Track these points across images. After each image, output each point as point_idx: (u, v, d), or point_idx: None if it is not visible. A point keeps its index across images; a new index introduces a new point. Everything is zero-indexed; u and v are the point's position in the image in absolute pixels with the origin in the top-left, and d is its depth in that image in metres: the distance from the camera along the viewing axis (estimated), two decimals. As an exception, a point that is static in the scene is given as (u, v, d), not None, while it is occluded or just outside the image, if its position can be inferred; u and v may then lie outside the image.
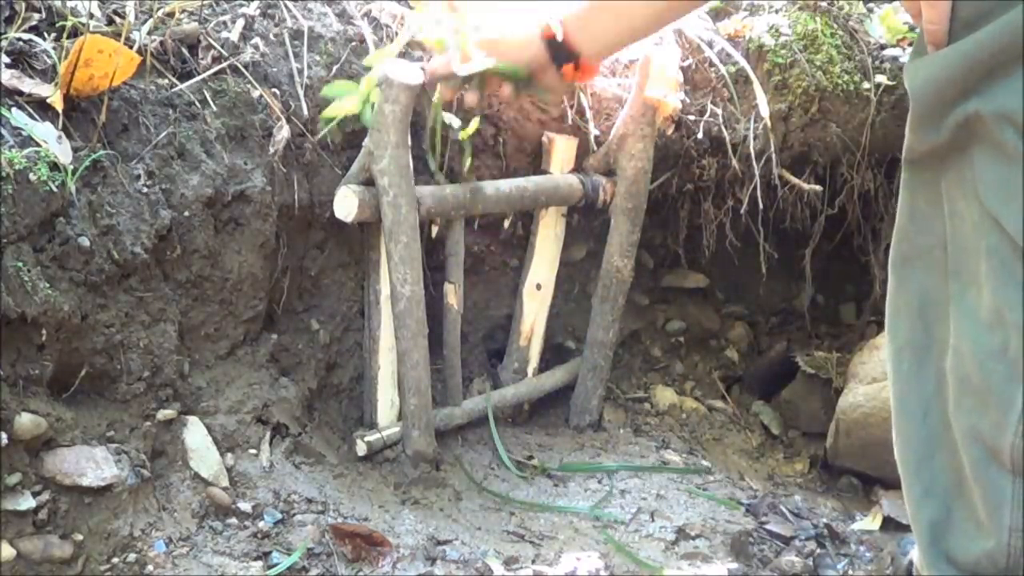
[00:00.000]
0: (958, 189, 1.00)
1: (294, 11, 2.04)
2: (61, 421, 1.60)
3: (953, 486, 1.05)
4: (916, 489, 1.09)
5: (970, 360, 0.99)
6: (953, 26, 0.98)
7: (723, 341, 2.92)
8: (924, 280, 1.07)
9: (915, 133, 1.05)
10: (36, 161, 1.56)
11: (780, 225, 2.69)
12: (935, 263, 1.05)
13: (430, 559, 1.83)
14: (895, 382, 1.12)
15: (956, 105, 0.98)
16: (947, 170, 1.02)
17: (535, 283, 2.41)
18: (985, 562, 1.01)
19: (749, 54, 2.49)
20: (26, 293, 1.52)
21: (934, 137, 1.01)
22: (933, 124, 1.01)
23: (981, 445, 0.99)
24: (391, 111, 1.90)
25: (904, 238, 1.10)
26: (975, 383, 0.99)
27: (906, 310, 1.09)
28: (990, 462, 0.99)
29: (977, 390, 0.99)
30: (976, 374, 0.98)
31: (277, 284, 2.05)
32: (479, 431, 2.32)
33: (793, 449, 2.62)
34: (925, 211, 1.06)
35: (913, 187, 1.08)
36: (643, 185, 2.37)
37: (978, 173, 0.97)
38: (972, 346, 0.99)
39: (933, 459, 1.07)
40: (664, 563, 1.93)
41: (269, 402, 1.96)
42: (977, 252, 0.98)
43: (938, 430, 1.06)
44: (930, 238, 1.05)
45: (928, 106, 1.01)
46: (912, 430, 1.10)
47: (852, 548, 2.09)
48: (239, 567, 1.69)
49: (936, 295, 1.05)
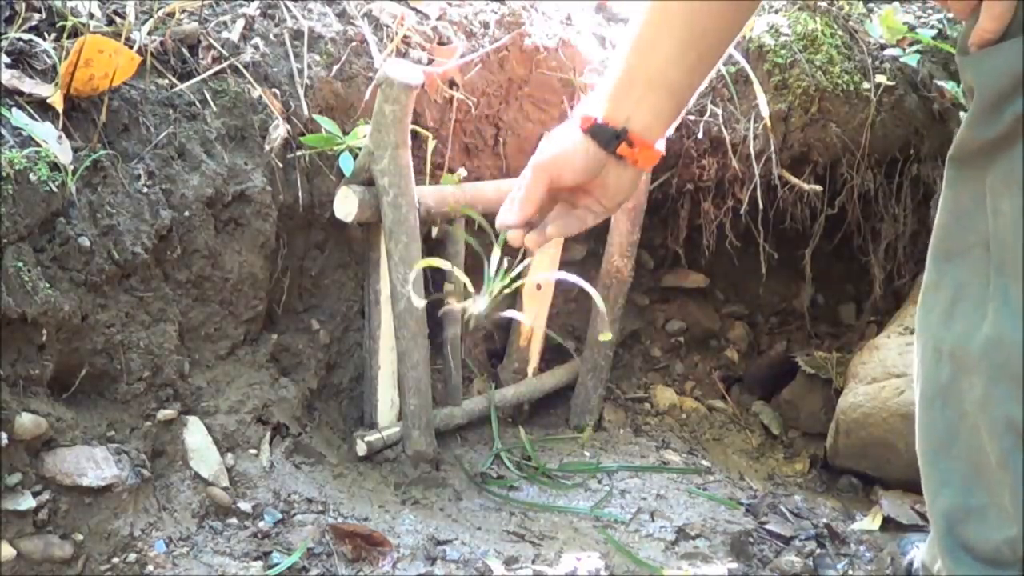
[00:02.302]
0: (1004, 185, 1.01)
1: (294, 11, 2.04)
2: (61, 421, 1.60)
3: (972, 475, 1.06)
4: (934, 479, 1.11)
5: (1012, 347, 1.00)
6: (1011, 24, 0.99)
7: (723, 341, 2.92)
8: (961, 276, 1.08)
9: (972, 128, 1.05)
10: (36, 161, 1.56)
11: (780, 225, 2.68)
12: (976, 260, 1.06)
13: (430, 559, 1.83)
14: (921, 375, 1.13)
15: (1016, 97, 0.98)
16: (994, 167, 1.02)
17: (535, 283, 2.41)
18: (1006, 549, 1.02)
19: (749, 54, 2.49)
20: (26, 293, 1.52)
21: (990, 131, 1.02)
22: (993, 117, 1.01)
23: (1013, 434, 1.00)
24: (391, 111, 1.90)
25: (947, 235, 1.10)
26: (1014, 369, 1.00)
27: (940, 305, 1.10)
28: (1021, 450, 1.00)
29: (1015, 377, 1.00)
30: (1016, 362, 0.99)
31: (277, 284, 2.05)
32: (479, 431, 2.32)
33: (793, 449, 2.62)
34: (970, 208, 1.06)
35: (958, 184, 1.09)
36: (643, 185, 2.37)
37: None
38: (1014, 334, 1.00)
39: (951, 450, 1.08)
40: (664, 563, 1.93)
41: (269, 402, 1.96)
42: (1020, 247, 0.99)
43: (954, 420, 1.07)
44: (973, 236, 1.05)
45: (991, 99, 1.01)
46: (932, 420, 1.11)
47: (852, 548, 2.09)
48: (239, 567, 1.69)
49: (970, 291, 1.06)
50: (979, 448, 1.05)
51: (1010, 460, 1.01)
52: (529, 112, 2.33)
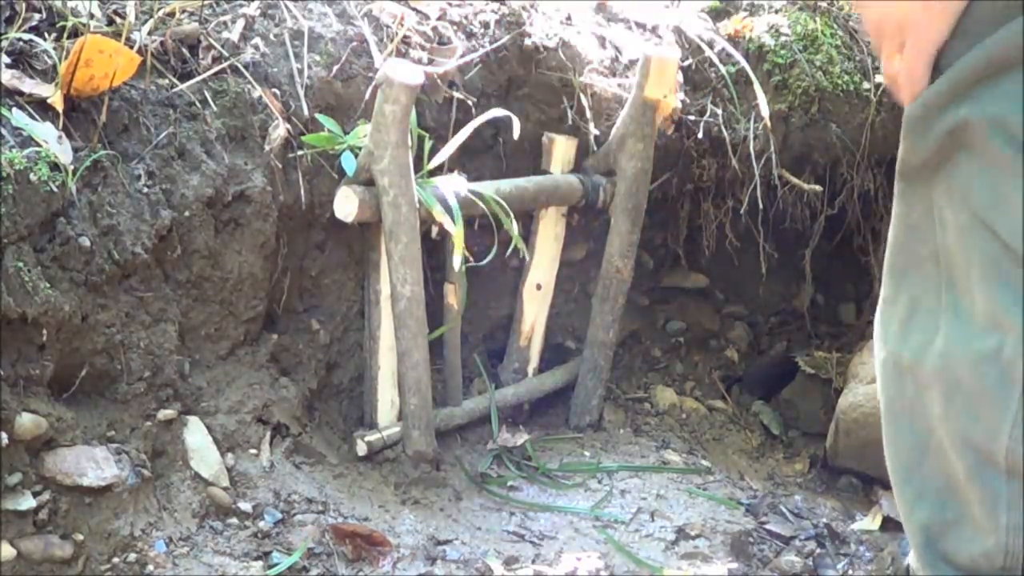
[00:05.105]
0: (945, 198, 1.01)
1: (294, 11, 2.04)
2: (61, 421, 1.60)
3: (944, 489, 1.06)
4: (908, 493, 1.10)
5: (962, 364, 1.00)
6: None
7: (723, 341, 2.92)
8: (915, 290, 1.07)
9: (906, 139, 1.05)
10: (36, 161, 1.56)
11: (780, 225, 2.68)
12: (928, 274, 1.05)
13: (430, 559, 1.83)
14: (884, 390, 1.13)
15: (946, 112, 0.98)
16: (937, 180, 1.02)
17: (535, 283, 2.41)
18: (982, 561, 1.02)
19: (749, 54, 2.49)
20: (26, 293, 1.52)
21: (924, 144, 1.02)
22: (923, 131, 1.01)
23: (973, 451, 1.00)
24: (391, 111, 1.90)
25: (900, 249, 1.10)
26: (966, 387, 0.99)
27: (897, 318, 1.09)
28: (984, 466, 1.00)
29: (968, 394, 0.99)
30: (968, 378, 0.99)
31: (277, 284, 2.05)
32: (479, 431, 2.32)
33: (793, 449, 2.62)
34: (921, 222, 1.06)
35: (908, 198, 1.09)
36: (643, 185, 2.37)
37: (967, 180, 0.98)
38: (965, 351, 0.99)
39: (922, 464, 1.08)
40: (664, 563, 1.93)
41: (269, 402, 1.96)
42: (968, 259, 0.99)
43: (923, 435, 1.07)
44: (924, 249, 1.05)
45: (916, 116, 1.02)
46: (901, 436, 1.11)
47: (852, 548, 2.09)
48: (239, 567, 1.69)
49: (924, 304, 1.06)
50: (949, 462, 1.04)
51: (975, 475, 1.01)
52: (529, 112, 2.33)
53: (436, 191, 2.05)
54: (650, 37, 2.49)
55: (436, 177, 2.10)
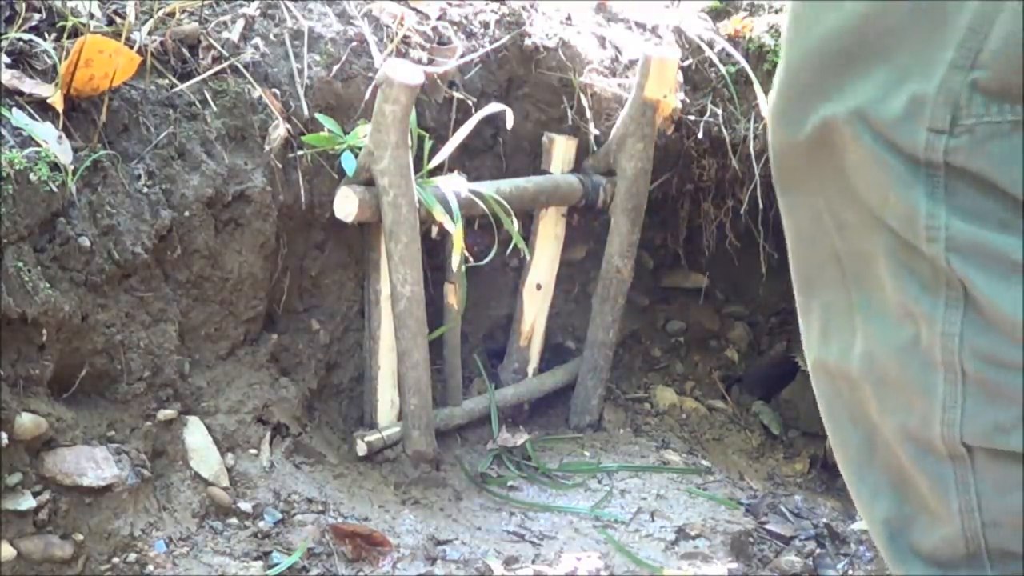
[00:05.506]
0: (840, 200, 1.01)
1: (294, 11, 2.04)
2: (61, 421, 1.60)
3: (898, 483, 1.07)
4: (864, 493, 1.11)
5: (886, 359, 1.00)
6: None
7: (723, 341, 2.92)
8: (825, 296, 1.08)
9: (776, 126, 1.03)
10: (36, 161, 1.56)
11: (780, 225, 2.68)
12: (832, 279, 1.06)
13: (430, 559, 1.83)
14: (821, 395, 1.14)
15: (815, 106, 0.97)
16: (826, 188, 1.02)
17: (535, 283, 2.41)
18: (945, 548, 1.02)
19: (749, 54, 2.49)
20: (26, 293, 1.52)
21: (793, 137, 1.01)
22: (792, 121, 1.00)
23: (913, 441, 1.01)
24: (391, 111, 1.90)
25: (800, 261, 1.11)
26: (894, 379, 1.00)
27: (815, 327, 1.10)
28: (926, 454, 1.00)
29: (897, 385, 1.00)
30: (894, 370, 0.99)
31: (277, 284, 2.05)
32: (479, 431, 2.32)
33: (793, 449, 2.62)
34: (812, 231, 1.06)
35: (793, 211, 1.09)
36: (643, 185, 2.37)
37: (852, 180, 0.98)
38: (885, 345, 1.00)
39: (872, 461, 1.09)
40: (664, 563, 1.93)
41: (269, 402, 1.96)
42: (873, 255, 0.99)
43: (868, 432, 1.07)
44: (822, 255, 1.06)
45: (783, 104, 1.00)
46: (846, 437, 1.11)
47: (852, 548, 2.09)
48: (239, 567, 1.69)
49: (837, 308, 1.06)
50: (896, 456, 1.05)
51: (920, 465, 1.01)
52: (529, 112, 2.33)
53: (436, 191, 2.05)
54: (650, 37, 2.49)
55: (436, 177, 2.10)
